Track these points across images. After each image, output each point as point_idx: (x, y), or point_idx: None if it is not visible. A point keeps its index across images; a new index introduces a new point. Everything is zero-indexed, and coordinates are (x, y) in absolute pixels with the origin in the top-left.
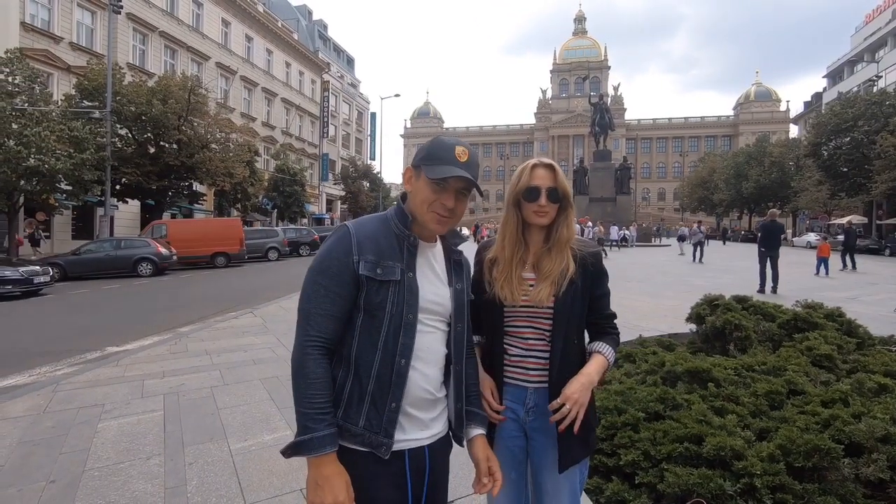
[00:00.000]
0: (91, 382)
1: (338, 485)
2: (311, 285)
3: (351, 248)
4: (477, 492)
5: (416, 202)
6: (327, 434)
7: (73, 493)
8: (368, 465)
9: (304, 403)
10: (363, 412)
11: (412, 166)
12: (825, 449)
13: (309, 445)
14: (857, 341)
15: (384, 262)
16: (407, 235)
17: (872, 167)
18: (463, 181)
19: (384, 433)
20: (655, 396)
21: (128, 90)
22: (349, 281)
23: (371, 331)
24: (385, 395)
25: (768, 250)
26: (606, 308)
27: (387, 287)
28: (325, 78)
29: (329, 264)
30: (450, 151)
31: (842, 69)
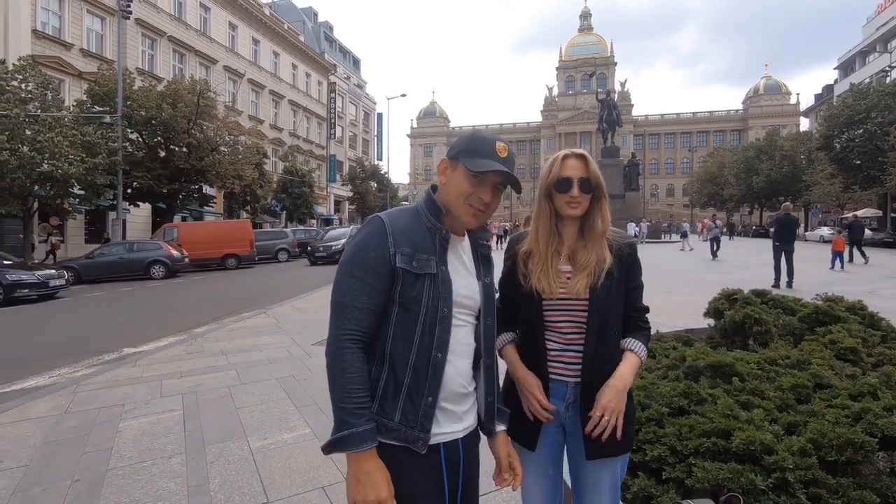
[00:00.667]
0: (110, 383)
1: (379, 481)
2: (347, 278)
3: (387, 240)
4: (498, 485)
5: (452, 195)
6: (367, 429)
7: (98, 492)
8: (405, 459)
9: (342, 398)
10: (399, 406)
11: (448, 158)
12: (859, 442)
13: (349, 441)
14: (881, 334)
15: (419, 255)
16: (439, 228)
17: (886, 159)
18: (501, 176)
19: (420, 427)
20: (679, 391)
21: (138, 95)
22: (385, 274)
23: (406, 324)
24: (421, 389)
25: (783, 244)
26: (639, 301)
27: (422, 280)
28: (331, 79)
29: (365, 256)
30: (490, 146)
31: (853, 60)
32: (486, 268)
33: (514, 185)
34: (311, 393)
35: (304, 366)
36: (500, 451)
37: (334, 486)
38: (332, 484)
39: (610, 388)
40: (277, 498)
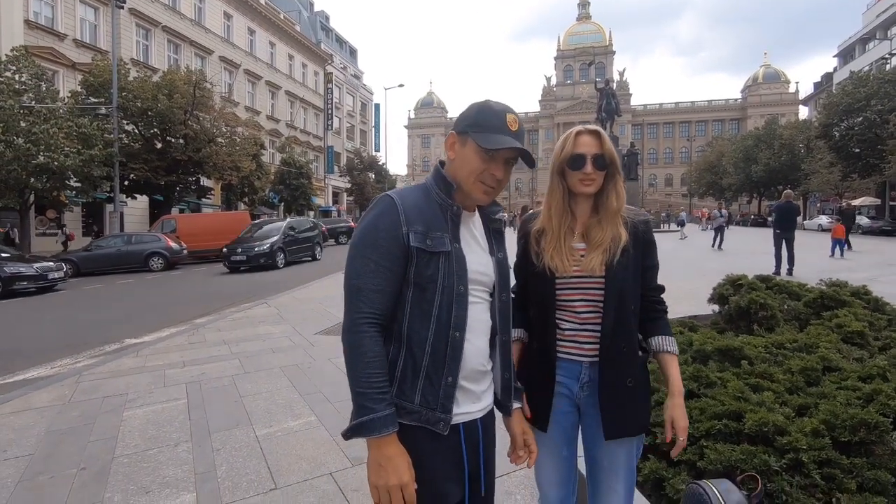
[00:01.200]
0: (113, 373)
1: (401, 465)
2: (360, 260)
3: (399, 219)
4: (513, 462)
5: (463, 171)
6: (388, 414)
7: (105, 479)
8: (425, 441)
9: (361, 384)
10: (418, 388)
11: (457, 132)
12: (873, 423)
13: (370, 426)
14: (887, 318)
15: (432, 233)
16: (450, 205)
17: (885, 147)
18: (514, 151)
19: (441, 408)
20: (688, 375)
21: (133, 86)
22: (400, 254)
23: (423, 304)
24: (440, 370)
25: (783, 232)
26: (654, 280)
27: (437, 259)
28: (328, 69)
29: (377, 237)
30: (501, 118)
31: (853, 48)
32: (498, 243)
33: (526, 160)
34: (316, 381)
35: (308, 354)
36: (516, 428)
37: (342, 471)
38: (339, 470)
39: (676, 408)
40: (285, 484)
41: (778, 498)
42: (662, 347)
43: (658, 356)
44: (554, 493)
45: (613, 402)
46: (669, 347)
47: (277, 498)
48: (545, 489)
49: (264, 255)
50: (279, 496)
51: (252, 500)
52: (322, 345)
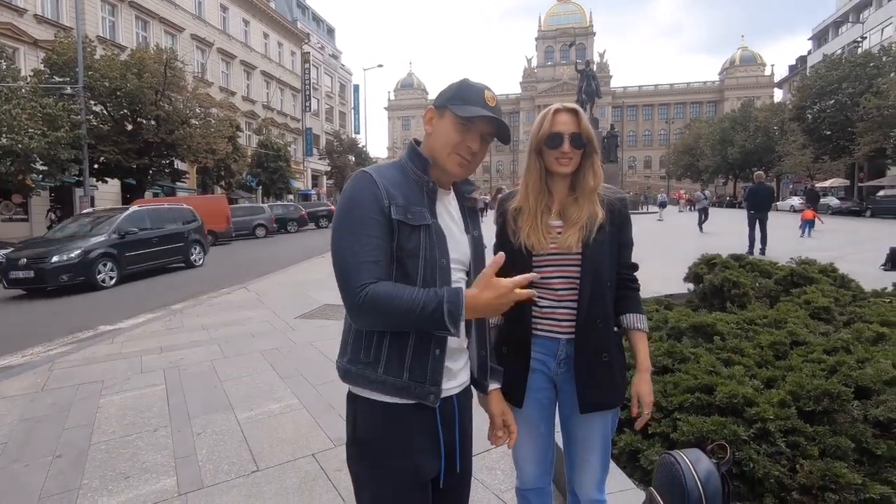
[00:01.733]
0: (87, 360)
1: (497, 289)
2: (350, 237)
3: (379, 194)
4: (493, 443)
5: (439, 144)
6: (446, 292)
7: (82, 466)
8: (405, 415)
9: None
10: (406, 364)
11: (435, 106)
12: (835, 393)
13: (457, 303)
14: (851, 294)
15: (412, 207)
16: (426, 181)
17: (855, 129)
18: (489, 124)
19: (431, 381)
20: (663, 351)
21: (100, 64)
22: (387, 227)
23: (405, 279)
24: (427, 344)
25: (757, 212)
26: (629, 258)
27: (418, 232)
28: (304, 49)
29: (363, 213)
30: (479, 94)
31: (827, 31)
32: (473, 221)
33: (502, 134)
34: (297, 364)
35: (288, 338)
36: (494, 408)
37: (324, 452)
38: (322, 451)
39: (645, 383)
40: (267, 466)
41: (746, 465)
42: (633, 325)
43: (629, 333)
44: (531, 468)
45: (588, 376)
46: (639, 325)
47: (260, 480)
48: (522, 465)
49: (70, 268)
50: (261, 478)
51: (234, 483)
52: (303, 329)
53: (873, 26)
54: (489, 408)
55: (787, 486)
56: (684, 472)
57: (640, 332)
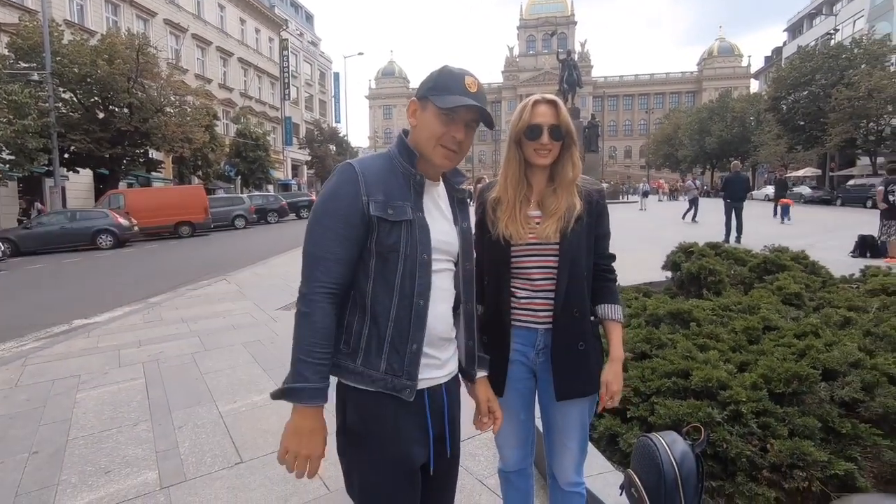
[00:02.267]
0: (62, 355)
1: (317, 440)
2: (318, 227)
3: (359, 187)
4: (478, 429)
5: (423, 136)
6: (321, 388)
7: (60, 462)
8: (391, 405)
9: (304, 351)
10: (383, 357)
11: (417, 98)
12: (804, 375)
13: (301, 395)
14: (821, 280)
15: (393, 202)
16: (413, 174)
17: (827, 120)
18: (473, 112)
19: (407, 375)
20: (641, 337)
21: (68, 50)
22: (359, 223)
23: (386, 274)
24: (405, 338)
25: (733, 201)
26: (607, 248)
27: (399, 228)
28: (283, 36)
29: (336, 205)
30: (459, 81)
31: (801, 23)
32: (462, 212)
33: (486, 121)
34: (279, 356)
35: (270, 330)
36: (480, 395)
37: None
38: None
39: (614, 373)
40: (252, 457)
41: (720, 446)
42: (608, 315)
43: (604, 323)
44: (512, 453)
45: (565, 365)
46: (614, 315)
47: (243, 471)
48: (504, 450)
49: None
50: (245, 470)
51: (217, 475)
52: (285, 320)
53: (845, 19)
54: (475, 394)
55: (758, 465)
56: (661, 454)
57: (615, 322)
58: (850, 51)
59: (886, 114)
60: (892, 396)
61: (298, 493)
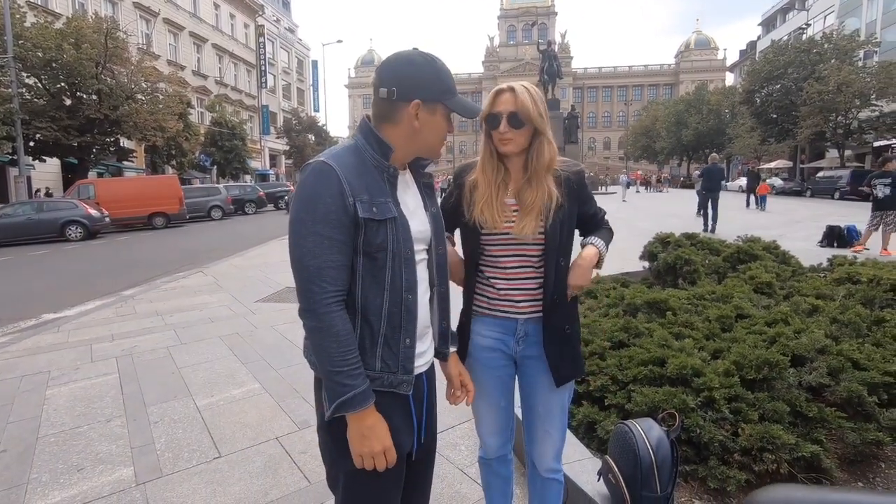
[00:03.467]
0: (30, 350)
1: (382, 432)
2: (312, 236)
3: (343, 189)
4: (451, 402)
5: (434, 139)
6: (366, 388)
7: (30, 460)
8: (382, 400)
9: (336, 363)
10: (378, 355)
11: (422, 100)
12: (774, 361)
13: (352, 403)
14: (791, 269)
15: (376, 200)
16: (387, 167)
17: (799, 114)
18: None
19: (403, 370)
20: (619, 326)
21: (32, 33)
22: (350, 225)
23: (374, 272)
24: (398, 334)
25: (709, 192)
26: (596, 213)
27: (385, 226)
28: (259, 21)
29: (326, 211)
30: (452, 79)
31: (775, 17)
32: (430, 197)
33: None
34: (258, 349)
35: (248, 322)
36: (452, 370)
37: (288, 435)
38: (286, 434)
39: (576, 269)
40: (230, 451)
41: (693, 431)
42: (586, 241)
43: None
44: (493, 440)
45: (560, 354)
46: (594, 241)
47: (222, 466)
48: (485, 438)
49: None
50: (224, 464)
51: (195, 470)
52: (263, 312)
53: (817, 14)
54: (448, 370)
55: (730, 449)
56: (637, 440)
57: (592, 245)
58: (821, 45)
59: (854, 107)
60: (856, 381)
61: (279, 485)
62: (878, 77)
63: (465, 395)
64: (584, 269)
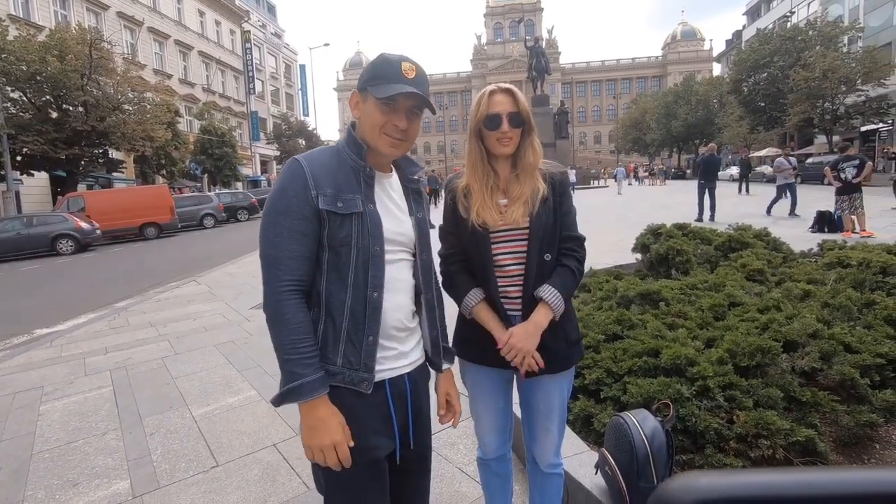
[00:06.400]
0: (23, 366)
1: (333, 425)
2: (272, 227)
3: (307, 182)
4: (440, 422)
5: (367, 127)
6: (317, 378)
7: (24, 477)
8: (351, 398)
9: (287, 350)
10: (340, 350)
11: (358, 90)
12: (766, 348)
13: (300, 391)
14: (782, 256)
15: (343, 195)
16: (363, 166)
17: (786, 101)
18: (413, 98)
19: (364, 368)
20: (613, 319)
21: (14, 46)
22: (311, 217)
23: (339, 267)
24: (361, 331)
25: (707, 182)
26: (571, 228)
27: (349, 220)
28: (244, 27)
29: (288, 203)
30: (396, 67)
31: (759, 6)
32: (417, 203)
33: (427, 106)
34: (254, 356)
35: (244, 330)
36: (440, 388)
37: (286, 441)
38: (283, 440)
39: (520, 329)
40: (227, 460)
41: (689, 420)
42: (539, 294)
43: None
44: (492, 440)
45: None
46: (545, 295)
47: (220, 475)
48: (484, 438)
49: None
50: (221, 473)
51: (192, 480)
52: (258, 319)
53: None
54: (437, 387)
55: (726, 437)
56: (632, 432)
57: (543, 302)
58: (806, 33)
59: (840, 93)
60: (848, 364)
61: (277, 492)
62: (863, 62)
63: (452, 416)
64: (529, 334)
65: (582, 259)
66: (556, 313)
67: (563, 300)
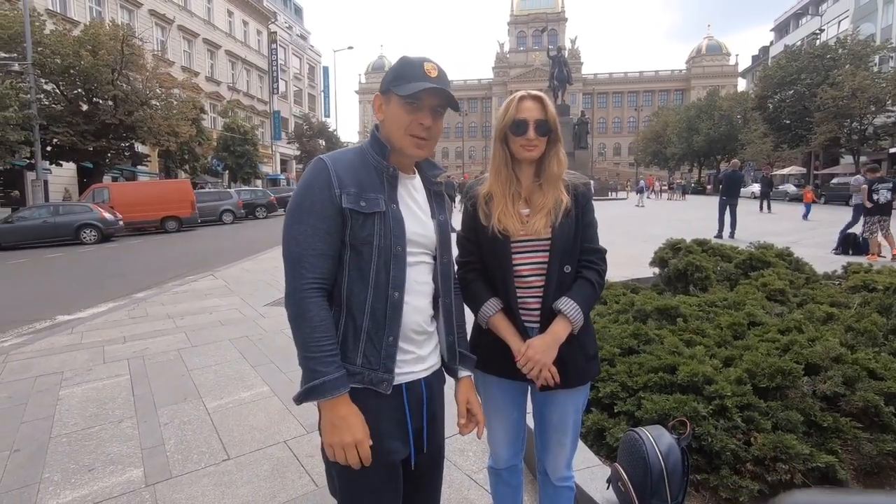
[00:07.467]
0: (45, 351)
1: (355, 424)
2: (297, 226)
3: (331, 181)
4: (461, 433)
5: (392, 128)
6: (339, 376)
7: (42, 460)
8: (368, 400)
9: (310, 349)
10: (360, 350)
11: (381, 92)
12: (787, 370)
13: (322, 390)
14: (805, 277)
15: (366, 195)
16: (386, 167)
17: (812, 119)
18: (437, 96)
19: (384, 368)
20: (629, 333)
21: (50, 40)
22: (334, 216)
23: (360, 266)
24: (381, 330)
25: (729, 198)
26: (593, 241)
27: (372, 220)
28: (271, 28)
29: (312, 201)
30: (418, 68)
31: (788, 22)
32: (439, 206)
33: (450, 103)
34: (267, 352)
35: (259, 326)
36: (460, 396)
37: (296, 439)
38: (294, 437)
39: (538, 340)
40: (239, 454)
41: (705, 440)
42: (558, 306)
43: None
44: (505, 451)
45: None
46: (565, 308)
47: (231, 468)
48: (497, 449)
49: None
50: (232, 466)
51: (204, 472)
52: (273, 316)
53: (831, 19)
54: (456, 395)
55: (742, 458)
56: (647, 448)
57: (562, 315)
58: (835, 51)
59: (869, 113)
60: (872, 390)
61: (286, 489)
62: (894, 83)
63: (474, 426)
64: (547, 347)
65: (603, 272)
66: (576, 327)
67: (582, 314)
